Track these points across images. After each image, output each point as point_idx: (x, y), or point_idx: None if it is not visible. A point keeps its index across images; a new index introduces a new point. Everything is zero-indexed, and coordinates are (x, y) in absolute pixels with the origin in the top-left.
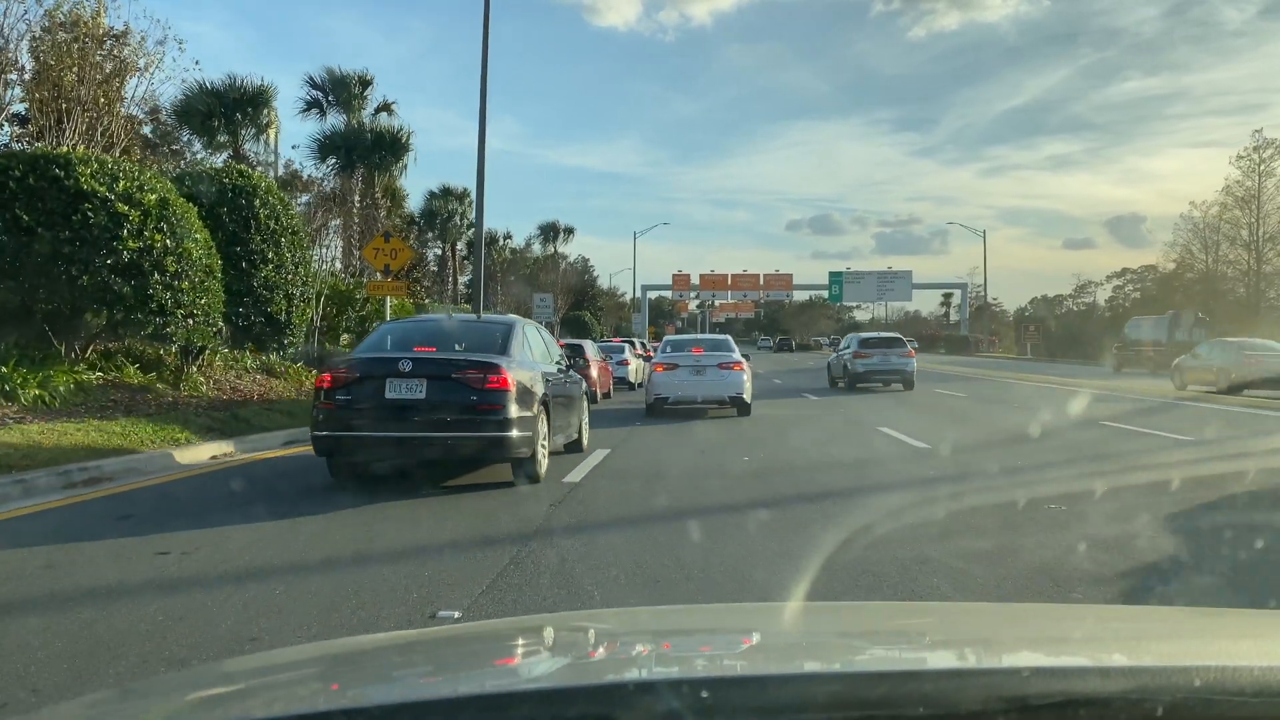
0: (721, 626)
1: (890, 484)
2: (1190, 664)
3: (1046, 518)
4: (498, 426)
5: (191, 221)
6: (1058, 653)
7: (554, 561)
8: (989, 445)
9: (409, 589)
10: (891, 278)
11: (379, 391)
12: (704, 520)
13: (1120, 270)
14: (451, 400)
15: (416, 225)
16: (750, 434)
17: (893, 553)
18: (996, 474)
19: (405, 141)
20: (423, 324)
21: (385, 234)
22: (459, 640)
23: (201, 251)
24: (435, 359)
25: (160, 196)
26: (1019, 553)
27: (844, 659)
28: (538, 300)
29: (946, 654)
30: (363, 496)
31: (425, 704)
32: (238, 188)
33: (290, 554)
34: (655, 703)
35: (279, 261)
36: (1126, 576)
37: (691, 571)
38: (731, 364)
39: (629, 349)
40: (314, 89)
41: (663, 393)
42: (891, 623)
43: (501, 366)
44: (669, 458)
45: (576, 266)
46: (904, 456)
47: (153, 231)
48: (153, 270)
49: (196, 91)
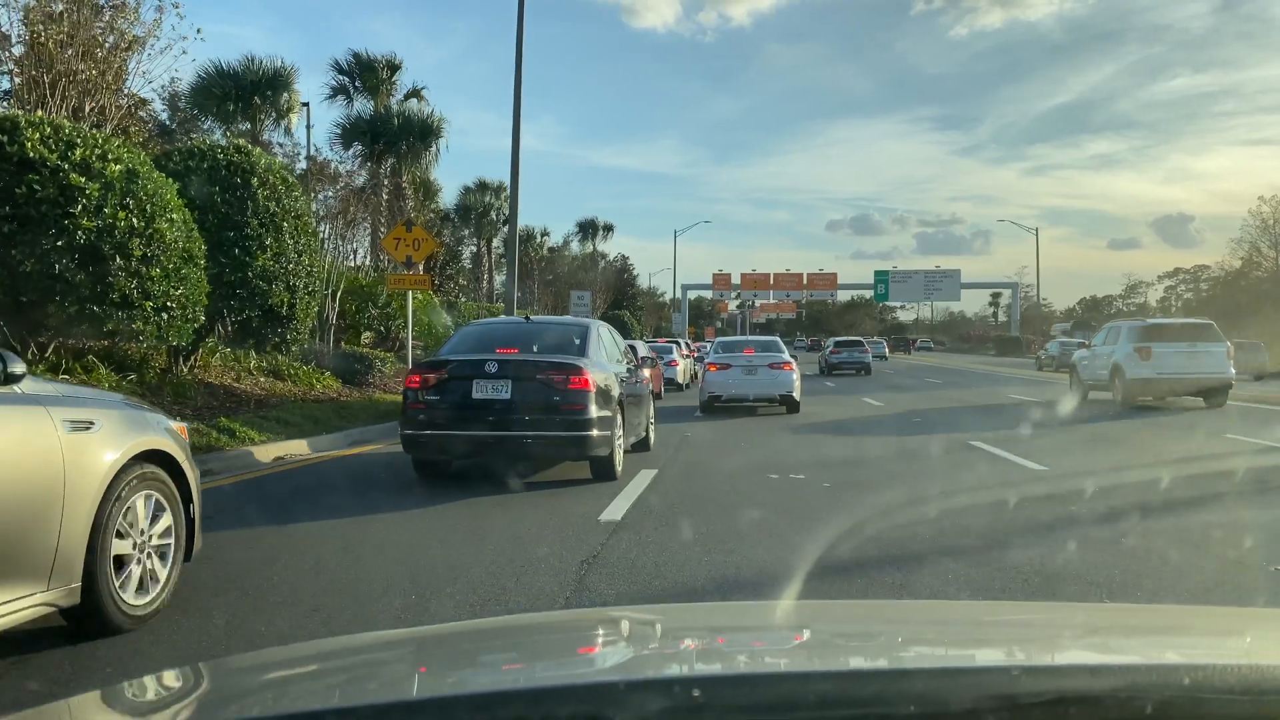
0: (713, 625)
1: (1049, 535)
2: (1180, 662)
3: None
4: (580, 426)
5: (167, 198)
6: (1048, 651)
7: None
8: (1117, 469)
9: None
10: (939, 277)
11: (466, 392)
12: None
13: (1172, 270)
14: (535, 400)
15: (451, 221)
16: (817, 445)
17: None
18: (1160, 510)
19: (435, 128)
20: (501, 326)
21: (407, 222)
22: (446, 639)
23: (178, 233)
24: (520, 360)
25: (127, 168)
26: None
27: (835, 657)
28: (575, 297)
29: (937, 652)
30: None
31: (414, 704)
32: (233, 165)
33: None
34: (646, 701)
35: (279, 249)
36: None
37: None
38: (782, 364)
39: (676, 349)
40: (340, 74)
41: (717, 391)
42: (882, 621)
43: (583, 368)
44: (729, 469)
45: (616, 265)
46: (1029, 489)
47: (115, 208)
48: (114, 254)
49: (212, 74)
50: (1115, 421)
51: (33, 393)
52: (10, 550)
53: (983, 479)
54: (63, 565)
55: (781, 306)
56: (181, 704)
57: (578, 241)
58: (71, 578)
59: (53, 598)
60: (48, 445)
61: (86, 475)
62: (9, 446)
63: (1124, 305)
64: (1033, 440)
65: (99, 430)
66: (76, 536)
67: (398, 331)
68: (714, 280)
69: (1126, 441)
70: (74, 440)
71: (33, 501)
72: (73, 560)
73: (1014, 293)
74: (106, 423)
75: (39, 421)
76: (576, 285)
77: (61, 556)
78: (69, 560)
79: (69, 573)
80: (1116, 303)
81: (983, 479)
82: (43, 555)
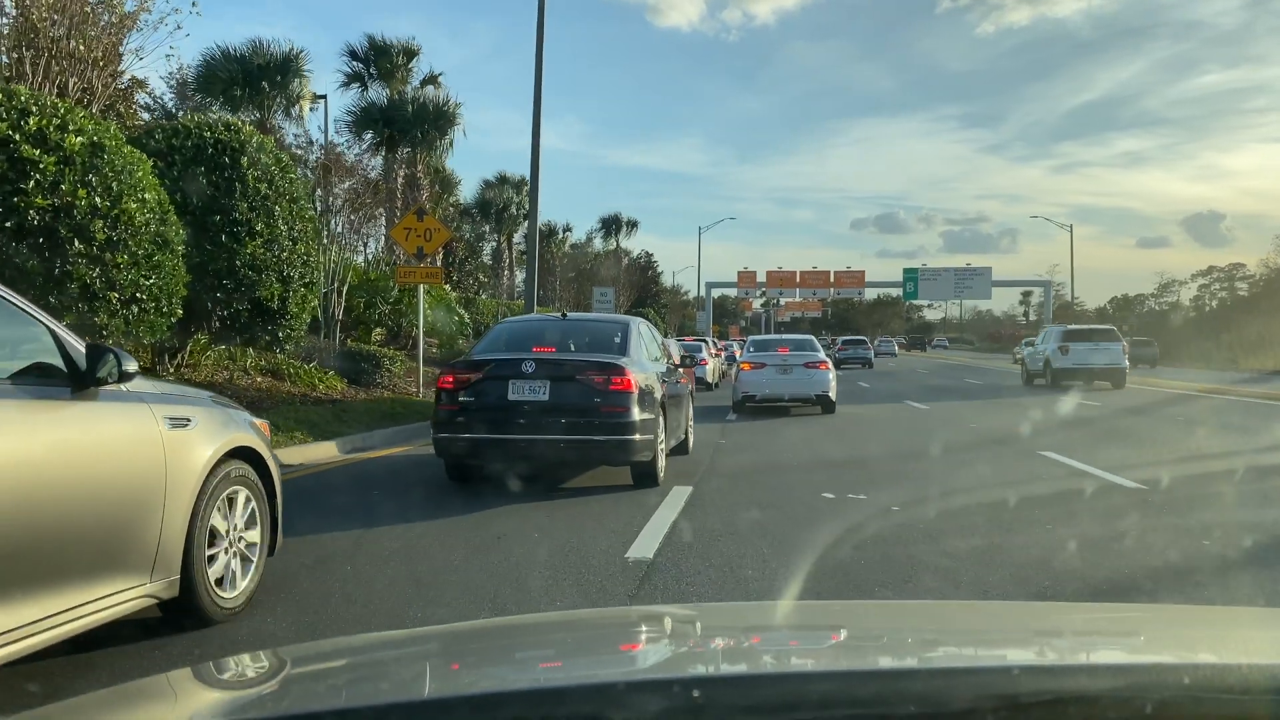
0: (714, 626)
1: (1179, 575)
2: (1179, 662)
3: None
4: (622, 429)
5: (137, 176)
6: (1048, 651)
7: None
8: (1212, 477)
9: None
10: (970, 275)
11: (502, 393)
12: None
13: (1206, 269)
14: (575, 402)
15: (470, 216)
16: (867, 455)
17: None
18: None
19: (451, 114)
20: (536, 323)
21: (418, 210)
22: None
23: (149, 215)
24: (559, 360)
25: (90, 140)
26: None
27: (835, 658)
28: (598, 294)
29: (937, 652)
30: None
31: (414, 705)
32: (220, 143)
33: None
34: (647, 702)
35: (270, 235)
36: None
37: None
38: (817, 363)
39: (705, 347)
40: (354, 60)
41: (751, 390)
42: (883, 622)
43: (625, 368)
44: (774, 485)
45: (640, 262)
46: (1123, 505)
47: (74, 185)
48: (72, 237)
49: (218, 57)
50: (1135, 416)
51: (137, 390)
52: (119, 543)
53: (1079, 504)
54: (164, 558)
55: (807, 305)
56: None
57: (600, 238)
58: (171, 571)
59: (154, 590)
60: (152, 442)
61: (185, 471)
62: (121, 443)
63: (1156, 304)
64: (1101, 446)
65: (195, 427)
66: (176, 530)
67: (410, 328)
68: (739, 278)
69: (1153, 438)
70: (174, 437)
71: (140, 496)
72: (172, 554)
73: (1046, 291)
74: (201, 420)
75: (145, 419)
76: (599, 282)
77: (163, 550)
78: (169, 554)
79: (169, 566)
80: (1149, 301)
81: (1079, 504)
82: (146, 549)
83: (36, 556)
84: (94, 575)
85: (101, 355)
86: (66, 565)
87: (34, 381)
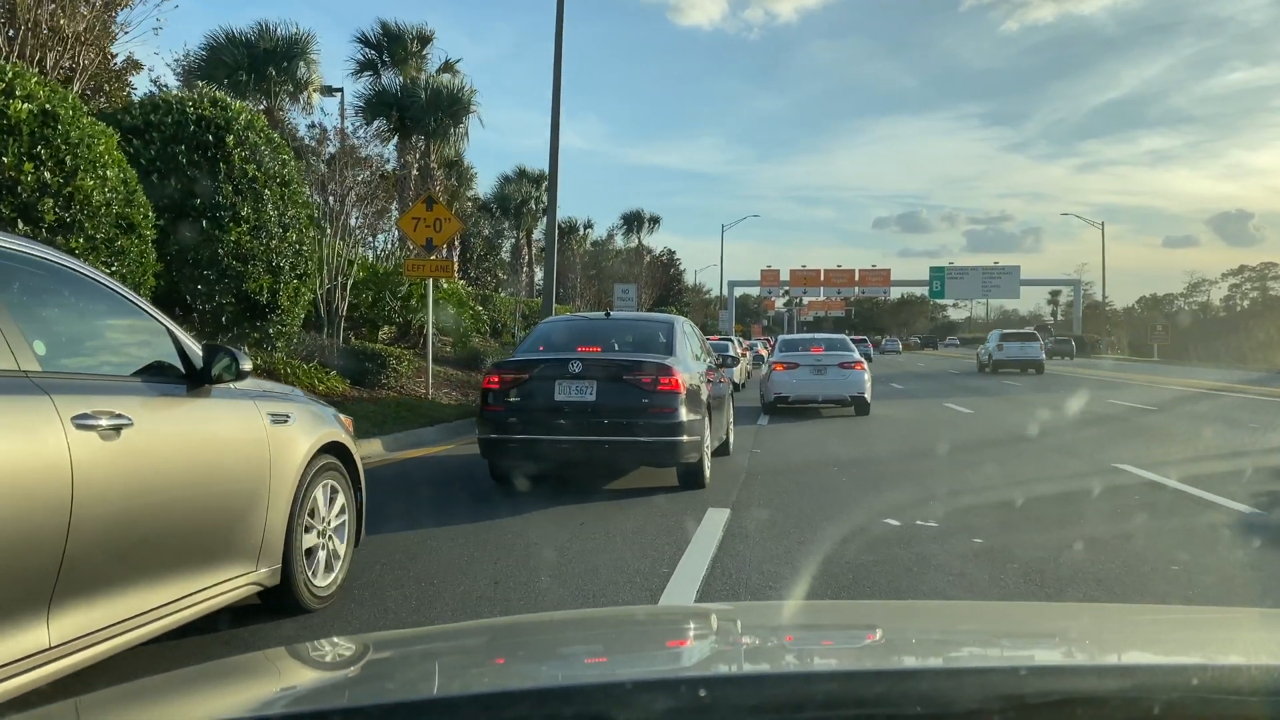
0: (720, 625)
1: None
2: (1187, 663)
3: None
4: (670, 430)
5: (97, 150)
6: (1054, 651)
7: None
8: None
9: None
10: (998, 273)
11: (549, 393)
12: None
13: (1237, 268)
14: (622, 403)
15: (489, 211)
16: (923, 468)
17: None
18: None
19: (466, 101)
20: (580, 322)
21: (427, 199)
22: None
23: (111, 195)
24: (606, 360)
25: (41, 108)
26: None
27: (841, 658)
28: (619, 291)
29: (944, 653)
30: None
31: (419, 704)
32: (204, 120)
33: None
34: (653, 701)
35: (258, 221)
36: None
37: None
38: (853, 363)
39: (731, 345)
40: (367, 47)
41: (784, 391)
42: (889, 621)
43: (673, 368)
44: (826, 510)
45: (662, 259)
46: (1257, 547)
47: (18, 157)
48: (16, 218)
49: (223, 41)
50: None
51: (242, 388)
52: (232, 532)
53: (1196, 540)
54: (268, 548)
55: (830, 304)
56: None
57: (621, 235)
58: (274, 559)
59: (259, 578)
60: (259, 437)
61: (286, 465)
62: (234, 438)
63: (1185, 304)
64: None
65: (294, 423)
66: (278, 521)
67: (420, 325)
68: (762, 276)
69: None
70: (276, 432)
71: (249, 488)
72: (275, 543)
73: (1076, 290)
74: (298, 416)
75: (252, 416)
76: (620, 279)
77: (267, 539)
78: (273, 543)
79: (272, 555)
80: (1178, 301)
81: (1196, 540)
82: (254, 538)
83: (170, 542)
84: (212, 562)
85: (216, 355)
86: (190, 552)
87: (155, 379)
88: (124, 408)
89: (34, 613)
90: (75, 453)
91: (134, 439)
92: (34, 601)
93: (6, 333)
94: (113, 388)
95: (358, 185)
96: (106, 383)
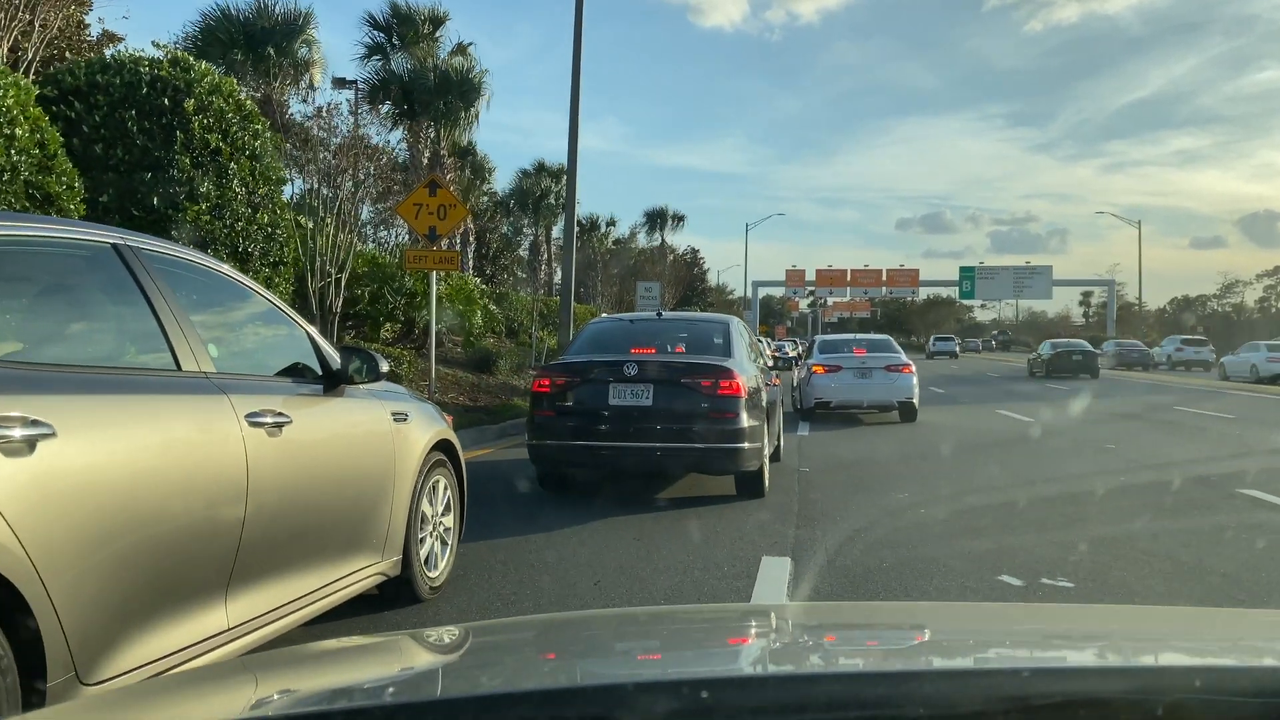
0: (722, 627)
1: None
2: (1191, 664)
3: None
4: (731, 437)
5: (7, 103)
6: (1058, 653)
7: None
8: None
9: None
10: (1029, 274)
11: (602, 397)
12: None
13: (1272, 269)
14: (681, 408)
15: (507, 208)
16: (1010, 497)
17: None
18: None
19: (477, 83)
20: (631, 323)
21: (430, 184)
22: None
23: (21, 159)
24: (663, 362)
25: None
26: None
27: (843, 659)
28: (642, 289)
29: (946, 654)
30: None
31: (421, 705)
32: (159, 81)
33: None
34: (654, 703)
35: (221, 199)
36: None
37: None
38: (900, 366)
39: (763, 346)
40: (375, 29)
41: (824, 396)
42: (891, 623)
43: (734, 371)
44: (916, 565)
45: (685, 258)
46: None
47: None
48: None
49: (218, 17)
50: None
51: (368, 388)
52: (363, 525)
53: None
54: (391, 539)
55: (855, 305)
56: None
57: (644, 233)
58: (396, 550)
59: (383, 568)
60: (384, 435)
61: (407, 460)
62: (365, 436)
63: (1218, 306)
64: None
65: (411, 422)
66: (400, 514)
67: (425, 323)
68: (787, 276)
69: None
70: (398, 430)
71: (377, 483)
72: (397, 535)
73: (1110, 291)
74: (415, 415)
75: (379, 414)
76: (641, 277)
77: (391, 531)
78: (395, 535)
79: (395, 546)
80: (1210, 303)
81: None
82: (380, 530)
83: (317, 533)
84: (349, 552)
85: (351, 356)
86: (333, 543)
87: (298, 379)
88: (282, 406)
89: (216, 595)
90: (249, 447)
91: (292, 435)
92: (216, 585)
93: (189, 337)
94: (269, 387)
95: (370, 178)
96: (264, 383)
